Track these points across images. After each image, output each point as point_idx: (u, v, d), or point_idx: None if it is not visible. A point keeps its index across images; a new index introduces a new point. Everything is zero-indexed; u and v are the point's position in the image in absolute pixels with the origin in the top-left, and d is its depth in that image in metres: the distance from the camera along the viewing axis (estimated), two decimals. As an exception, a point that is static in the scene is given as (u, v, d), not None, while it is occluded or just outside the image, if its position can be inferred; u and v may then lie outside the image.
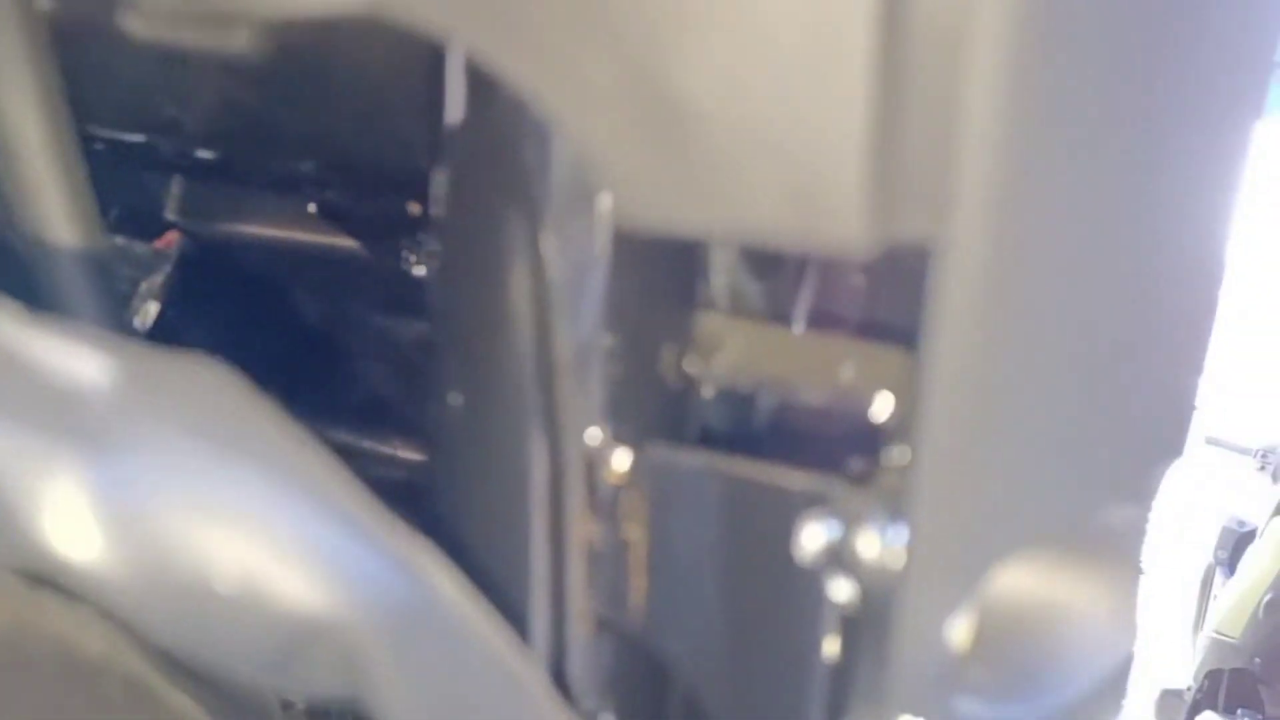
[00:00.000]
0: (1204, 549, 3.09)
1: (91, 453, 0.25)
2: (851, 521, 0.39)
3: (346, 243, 1.00)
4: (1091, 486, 0.35)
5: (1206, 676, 2.78)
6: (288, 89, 0.72)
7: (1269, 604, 2.71)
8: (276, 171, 0.92)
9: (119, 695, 0.40)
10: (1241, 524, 3.11)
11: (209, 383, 0.28)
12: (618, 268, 0.45)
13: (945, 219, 0.28)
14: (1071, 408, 0.33)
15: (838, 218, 0.28)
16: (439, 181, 0.53)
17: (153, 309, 0.90)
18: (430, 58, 0.58)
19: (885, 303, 0.47)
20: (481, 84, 0.46)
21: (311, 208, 0.97)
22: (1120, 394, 0.34)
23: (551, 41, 0.29)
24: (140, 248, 1.01)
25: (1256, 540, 2.87)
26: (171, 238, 0.95)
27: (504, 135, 0.48)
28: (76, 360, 0.26)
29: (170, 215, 0.97)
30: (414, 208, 0.95)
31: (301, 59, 0.61)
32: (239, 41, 0.33)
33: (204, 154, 0.87)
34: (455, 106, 0.50)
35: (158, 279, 0.94)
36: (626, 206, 0.31)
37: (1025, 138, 0.28)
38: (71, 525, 0.25)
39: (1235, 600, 2.77)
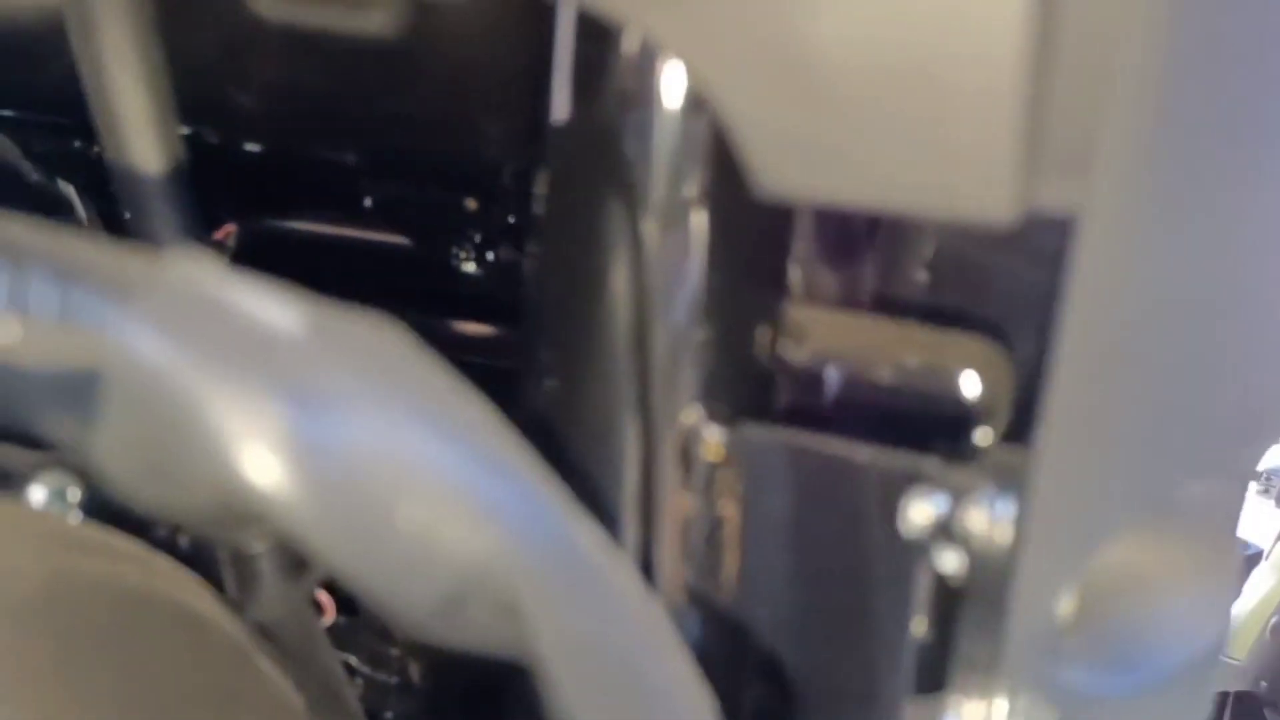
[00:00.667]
0: (1210, 571, 3.09)
1: (286, 395, 0.27)
2: (960, 496, 0.41)
3: (398, 239, 1.02)
4: (1193, 463, 0.36)
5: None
6: (358, 77, 0.74)
7: (1275, 627, 2.71)
8: (337, 166, 0.93)
9: (225, 655, 0.41)
10: (1246, 546, 3.12)
11: (387, 338, 0.29)
12: (714, 254, 0.47)
13: (1086, 189, 0.30)
14: (1180, 387, 0.35)
15: (984, 185, 0.30)
16: (537, 179, 0.55)
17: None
18: (514, 52, 0.59)
19: (966, 293, 0.49)
20: (586, 78, 0.48)
21: (367, 202, 0.99)
22: (1223, 374, 0.35)
23: (699, 7, 0.30)
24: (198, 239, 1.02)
25: (1262, 563, 2.88)
26: (229, 229, 0.97)
27: (606, 129, 0.50)
28: (273, 313, 0.27)
29: (227, 207, 0.99)
30: (470, 203, 0.97)
31: (381, 49, 0.63)
32: (373, 23, 0.35)
33: (264, 146, 0.88)
34: (560, 102, 0.51)
35: (216, 269, 0.96)
36: (769, 175, 0.32)
37: (1166, 116, 0.29)
38: (266, 457, 0.26)
39: (1240, 623, 2.78)
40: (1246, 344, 0.36)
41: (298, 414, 0.26)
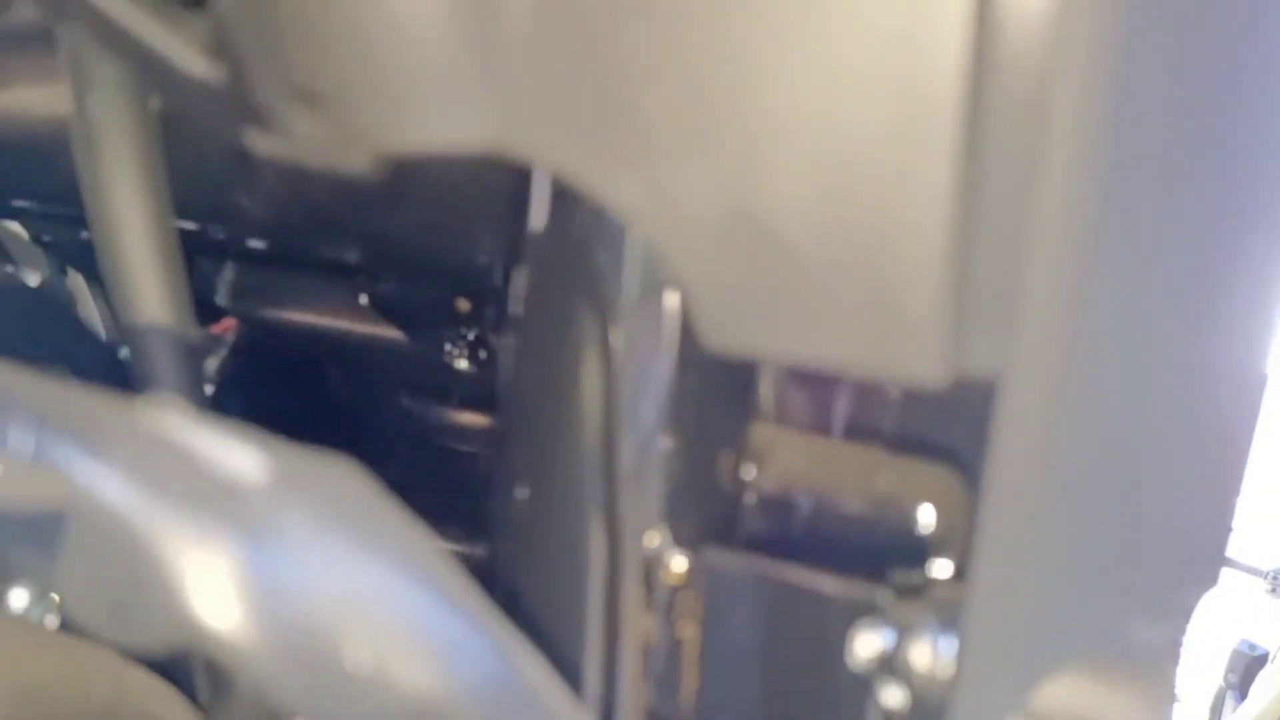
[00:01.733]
0: (1214, 672, 3.06)
1: (242, 539, 0.28)
2: (904, 631, 0.42)
3: (392, 333, 1.04)
4: (1131, 606, 0.37)
5: (1217, 803, 2.73)
6: (357, 188, 0.76)
7: (1282, 731, 2.67)
8: (335, 264, 0.96)
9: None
10: (1253, 647, 3.07)
11: (344, 479, 0.31)
12: (681, 373, 0.49)
13: (1010, 354, 0.31)
14: (1116, 530, 0.36)
15: (913, 351, 0.31)
16: (516, 280, 0.57)
17: (207, 392, 0.94)
18: (501, 166, 0.62)
19: (929, 420, 0.50)
20: (563, 190, 0.50)
21: (363, 299, 1.01)
22: (1161, 519, 0.37)
23: (657, 173, 0.32)
24: (198, 332, 1.04)
25: (1269, 665, 2.84)
26: (229, 324, 0.99)
27: (580, 240, 0.52)
28: (236, 458, 0.29)
29: (226, 302, 1.01)
30: (463, 304, 0.99)
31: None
32: (357, 164, 0.37)
33: (266, 244, 0.91)
34: (539, 212, 0.54)
35: (213, 363, 0.98)
36: (713, 330, 0.34)
37: (1086, 282, 0.31)
38: (219, 599, 0.27)
39: (1249, 727, 2.74)
40: (1182, 487, 0.37)
41: (253, 558, 0.28)
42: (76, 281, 1.15)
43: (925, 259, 0.31)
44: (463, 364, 1.03)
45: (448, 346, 1.03)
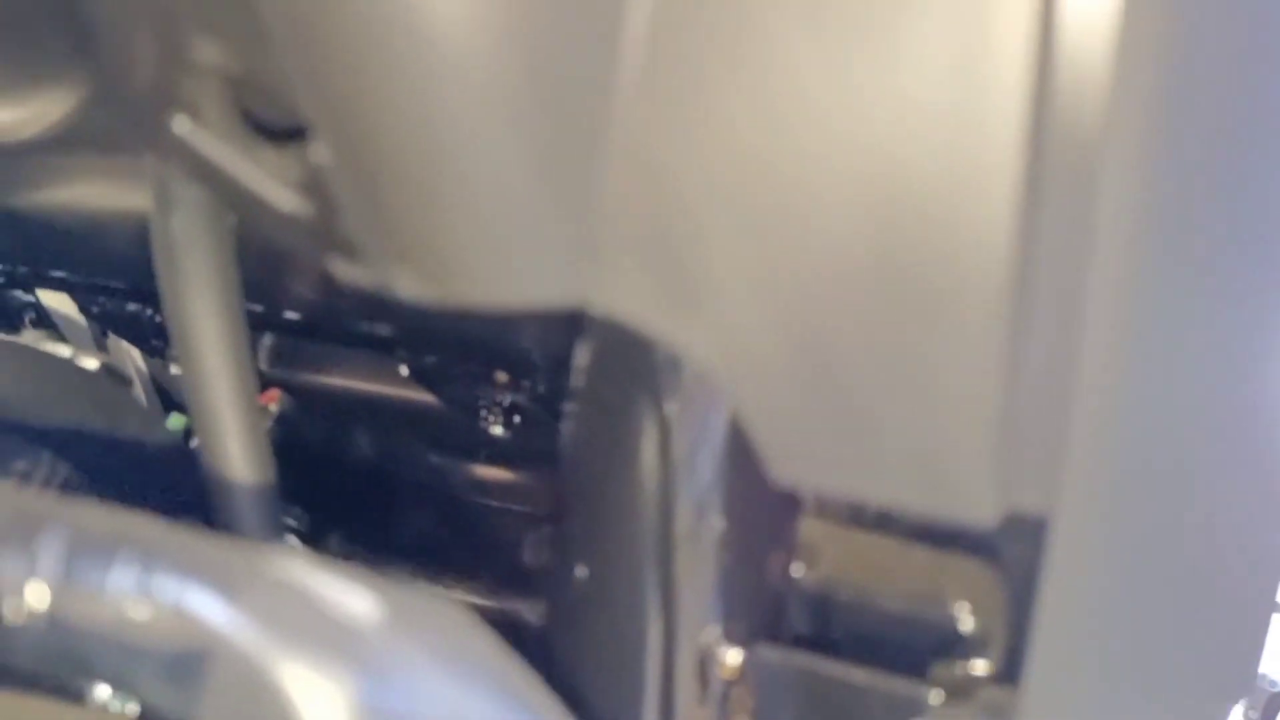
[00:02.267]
0: (1235, 709, 3.04)
1: (363, 675, 0.31)
2: (955, 733, 0.44)
3: (431, 400, 1.07)
4: (1167, 716, 0.40)
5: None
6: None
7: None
8: (378, 339, 0.99)
9: None
10: (1274, 684, 3.06)
11: (452, 618, 0.34)
12: (733, 467, 0.51)
13: (1056, 496, 0.34)
14: (1156, 649, 0.39)
15: (963, 491, 0.34)
16: (578, 357, 0.59)
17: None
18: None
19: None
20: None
21: (403, 370, 1.04)
22: (1198, 639, 0.39)
23: (724, 323, 0.35)
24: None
25: (1287, 702, 2.83)
26: (274, 394, 1.02)
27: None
28: (354, 600, 0.32)
29: (272, 372, 1.04)
30: (500, 375, 1.02)
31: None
32: (443, 303, 0.40)
33: (315, 321, 0.94)
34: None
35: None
36: (779, 463, 0.37)
37: (1129, 431, 0.34)
38: (341, 734, 0.30)
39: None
40: (1219, 611, 0.40)
41: (374, 693, 0.31)
42: (119, 347, 1.18)
43: (975, 403, 0.34)
44: (497, 430, 1.06)
45: (484, 413, 1.06)
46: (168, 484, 0.71)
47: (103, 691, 0.51)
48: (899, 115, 0.33)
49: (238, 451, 0.58)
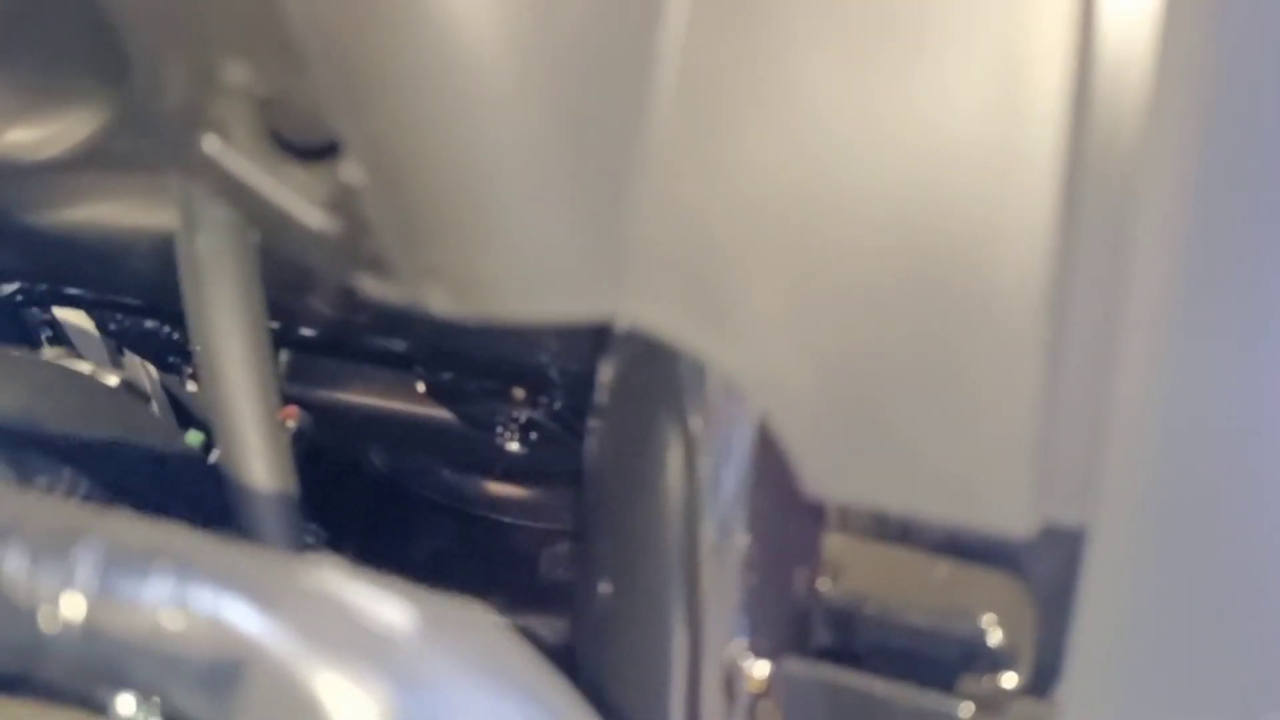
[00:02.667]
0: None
1: (397, 684, 0.31)
2: (986, 747, 0.44)
3: (447, 416, 1.07)
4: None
5: None
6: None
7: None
8: (395, 356, 0.99)
9: None
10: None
11: (484, 627, 0.34)
12: (759, 481, 0.51)
13: (1093, 507, 0.34)
14: (1193, 660, 0.39)
15: (1000, 502, 0.34)
16: (602, 374, 0.59)
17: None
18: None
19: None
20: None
21: (420, 387, 1.04)
22: (1235, 650, 0.39)
23: (760, 339, 0.35)
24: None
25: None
26: (292, 411, 1.03)
27: (665, 348, 0.54)
28: (388, 609, 0.32)
29: (289, 389, 1.05)
30: (518, 392, 1.02)
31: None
32: (475, 317, 0.40)
33: (332, 339, 0.94)
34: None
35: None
36: (815, 478, 0.37)
37: (1167, 441, 0.34)
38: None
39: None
40: (1251, 627, 0.39)
41: (408, 702, 0.31)
42: (133, 362, 1.19)
43: (1012, 414, 0.34)
44: (514, 446, 1.06)
45: (499, 429, 1.06)
46: (189, 499, 0.71)
47: (126, 706, 0.51)
48: (932, 132, 0.33)
49: (261, 466, 0.58)
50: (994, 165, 0.33)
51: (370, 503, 1.21)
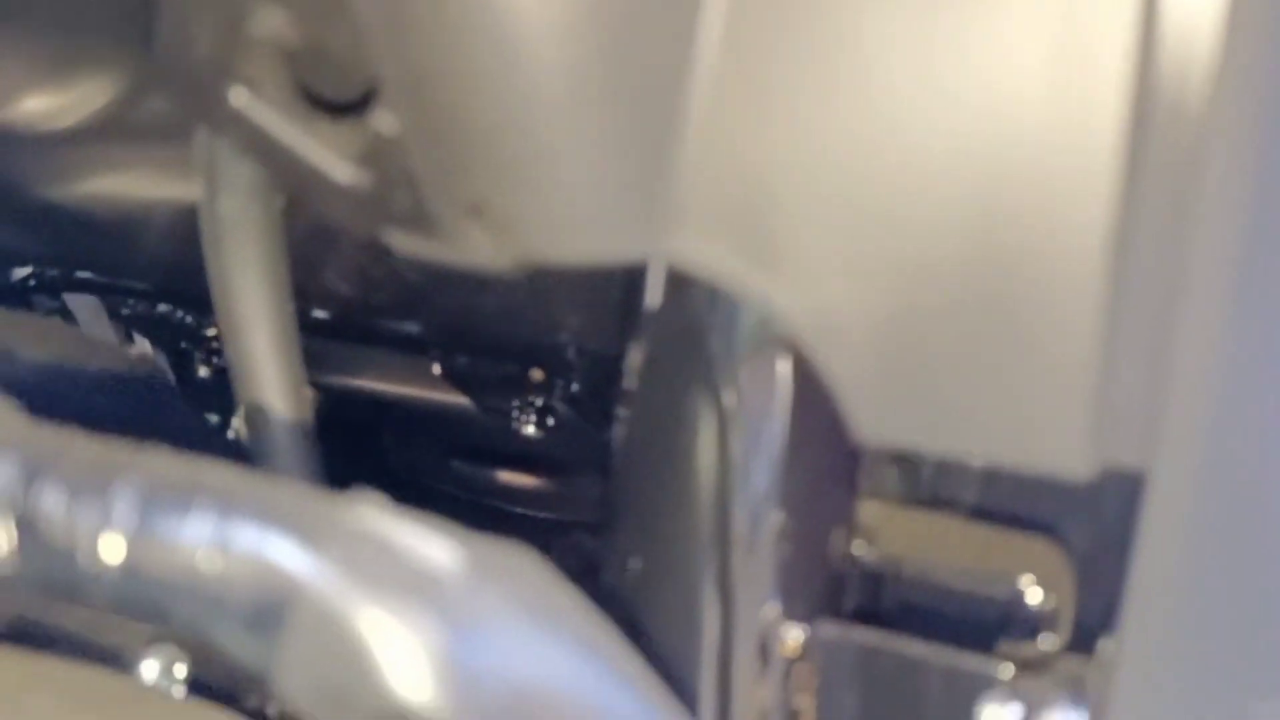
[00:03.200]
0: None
1: (444, 623, 0.30)
2: (1033, 705, 0.43)
3: (463, 400, 1.06)
4: (1261, 685, 0.39)
5: None
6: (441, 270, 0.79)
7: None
8: (411, 338, 0.98)
9: None
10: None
11: (529, 566, 0.33)
12: (793, 448, 0.51)
13: (1152, 451, 0.33)
14: (1249, 613, 0.38)
15: (1060, 444, 0.33)
16: (631, 356, 0.59)
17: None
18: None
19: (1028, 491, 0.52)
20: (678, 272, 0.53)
21: (436, 369, 1.03)
22: None
23: (813, 283, 0.35)
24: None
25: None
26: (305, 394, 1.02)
27: (694, 317, 0.54)
28: (433, 549, 0.31)
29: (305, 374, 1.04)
30: (536, 374, 1.01)
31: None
32: (507, 267, 0.39)
33: (349, 318, 0.93)
34: (654, 288, 0.56)
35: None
36: (867, 425, 0.36)
37: (1228, 386, 0.33)
38: (425, 682, 0.30)
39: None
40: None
41: (455, 641, 0.30)
42: (144, 346, 1.18)
43: (1073, 356, 0.33)
44: (530, 430, 1.05)
45: (516, 413, 1.05)
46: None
47: (150, 670, 0.50)
48: (993, 78, 0.33)
49: (284, 438, 0.58)
50: (1056, 112, 0.32)
51: (385, 489, 1.20)
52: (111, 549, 0.31)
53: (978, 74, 0.33)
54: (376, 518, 0.32)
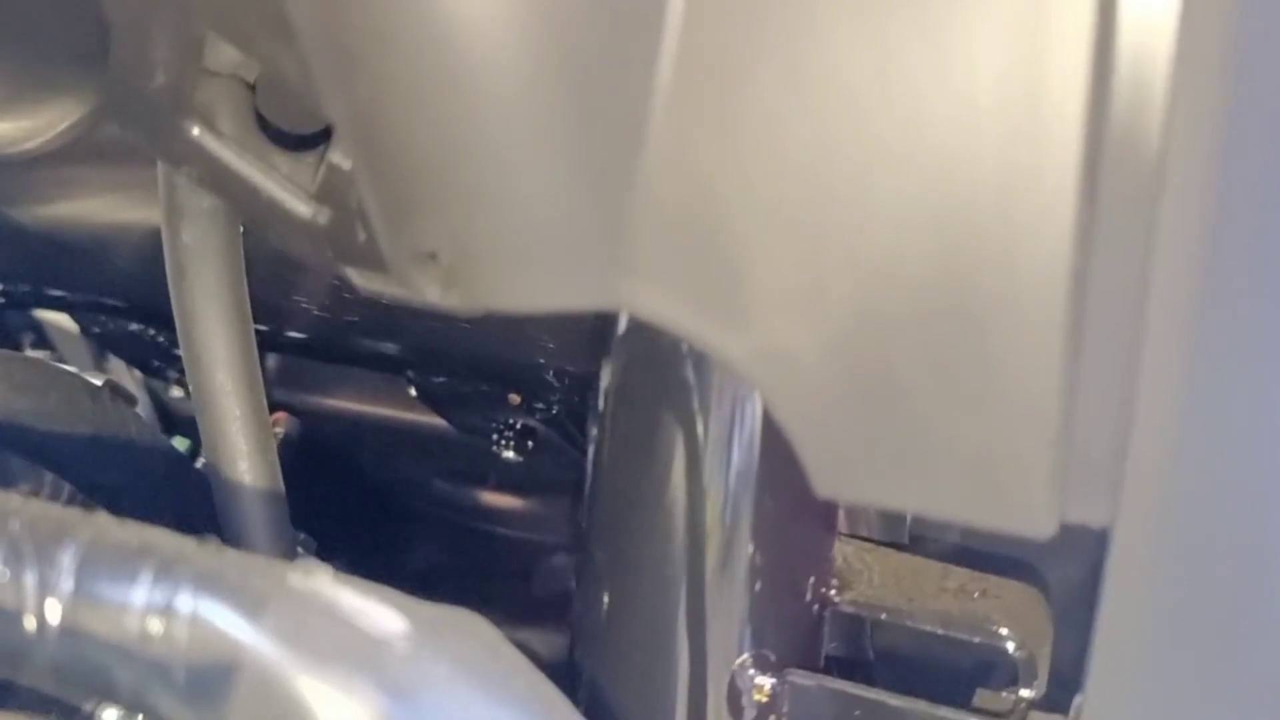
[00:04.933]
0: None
1: (387, 689, 0.29)
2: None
3: (438, 422, 1.05)
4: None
5: None
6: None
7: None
8: (386, 359, 0.97)
9: None
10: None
11: (475, 633, 0.32)
12: (765, 488, 0.50)
13: (1117, 506, 0.33)
14: (1215, 664, 0.37)
15: (1023, 503, 0.33)
16: (603, 379, 0.58)
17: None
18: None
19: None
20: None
21: (412, 391, 1.02)
22: (1257, 656, 0.37)
23: (769, 333, 0.34)
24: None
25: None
26: (281, 416, 1.01)
27: (668, 347, 0.53)
28: (377, 615, 0.30)
29: (278, 394, 1.03)
30: (513, 398, 1.00)
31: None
32: (464, 310, 0.38)
33: (322, 341, 0.92)
34: (626, 314, 0.55)
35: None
36: (826, 480, 0.35)
37: (1192, 439, 0.33)
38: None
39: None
40: (1275, 632, 0.38)
41: (397, 709, 0.29)
42: (117, 366, 1.17)
43: (1035, 411, 0.32)
44: (509, 454, 1.04)
45: (494, 436, 1.04)
46: (174, 501, 0.69)
47: (110, 716, 0.49)
48: (951, 116, 0.32)
49: (248, 467, 0.56)
50: (1019, 135, 0.31)
51: (361, 512, 1.19)
52: (53, 611, 0.30)
53: (939, 91, 0.32)
54: (321, 584, 0.31)
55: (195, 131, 0.45)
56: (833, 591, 0.51)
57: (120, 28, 0.43)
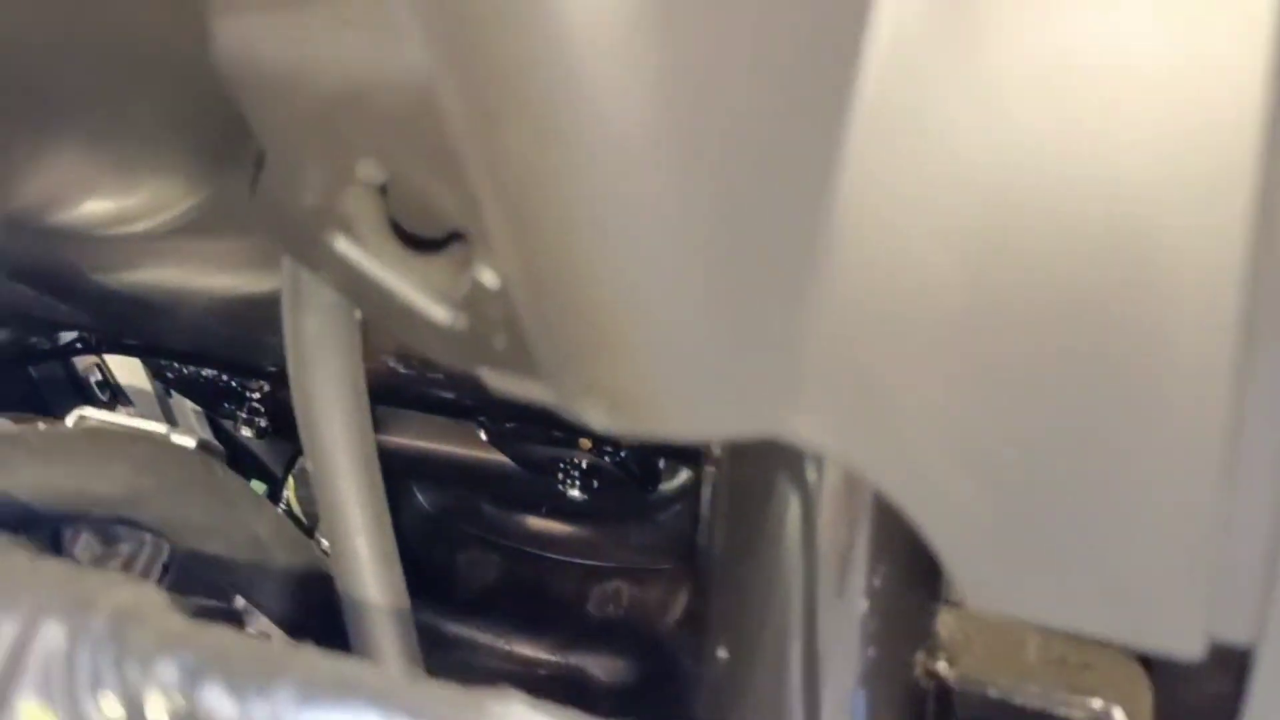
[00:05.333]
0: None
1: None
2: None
3: (504, 460, 1.07)
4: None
5: None
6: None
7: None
8: (458, 406, 0.99)
9: None
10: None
11: (521, 715, 0.34)
12: (877, 553, 0.51)
13: (1264, 629, 0.34)
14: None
15: (1169, 622, 0.34)
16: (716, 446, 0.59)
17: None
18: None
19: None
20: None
21: (482, 435, 1.04)
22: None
23: (924, 462, 0.36)
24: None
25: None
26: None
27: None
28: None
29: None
30: (585, 442, 1.02)
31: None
32: (613, 428, 0.40)
33: (399, 390, 0.94)
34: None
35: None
36: (974, 591, 0.37)
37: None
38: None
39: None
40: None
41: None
42: (183, 405, 1.19)
43: (1184, 531, 0.34)
44: (574, 493, 1.06)
45: (560, 475, 1.06)
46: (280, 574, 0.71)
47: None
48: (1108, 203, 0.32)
49: (370, 566, 0.57)
50: (1169, 234, 0.32)
51: (418, 536, 1.21)
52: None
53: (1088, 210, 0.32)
54: (519, 713, 0.33)
55: (340, 244, 0.46)
56: (940, 664, 0.53)
57: (276, 152, 0.45)
